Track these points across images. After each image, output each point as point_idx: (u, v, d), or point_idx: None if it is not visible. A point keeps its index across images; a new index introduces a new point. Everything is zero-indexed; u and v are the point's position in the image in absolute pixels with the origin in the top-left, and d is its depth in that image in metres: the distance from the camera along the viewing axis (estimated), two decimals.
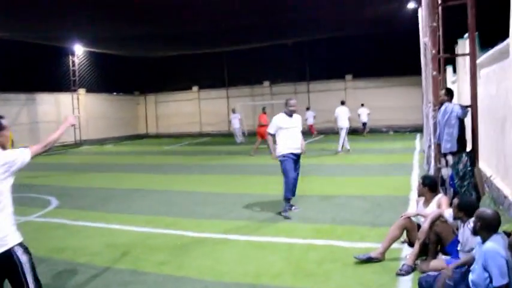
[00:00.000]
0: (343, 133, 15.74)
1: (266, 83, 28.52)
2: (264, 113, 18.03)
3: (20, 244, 3.27)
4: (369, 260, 5.01)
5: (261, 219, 7.29)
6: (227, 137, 27.43)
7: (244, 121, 26.93)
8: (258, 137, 16.83)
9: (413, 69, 17.33)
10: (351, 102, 25.18)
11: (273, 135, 7.67)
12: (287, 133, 7.54)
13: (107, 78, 28.54)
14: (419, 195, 5.48)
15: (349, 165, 13.05)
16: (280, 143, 7.57)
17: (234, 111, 23.39)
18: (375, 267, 4.89)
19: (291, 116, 7.64)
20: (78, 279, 5.06)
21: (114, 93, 30.51)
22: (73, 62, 26.18)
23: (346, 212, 7.50)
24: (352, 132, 18.16)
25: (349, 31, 23.08)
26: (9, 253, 3.16)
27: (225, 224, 7.10)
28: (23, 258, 3.22)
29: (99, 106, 28.50)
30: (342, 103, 17.11)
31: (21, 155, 3.34)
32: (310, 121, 24.91)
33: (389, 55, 23.69)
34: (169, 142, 25.73)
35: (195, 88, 30.66)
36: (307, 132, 25.25)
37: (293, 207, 7.71)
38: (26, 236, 6.99)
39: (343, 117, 15.97)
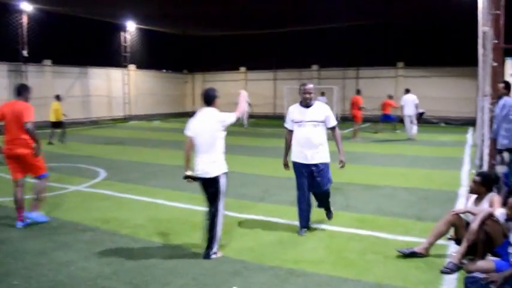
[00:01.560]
0: (408, 120, 16.32)
1: (314, 67, 28.12)
2: (359, 94, 17.60)
3: (225, 173, 5.08)
4: (413, 255, 4.88)
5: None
6: (273, 119, 27.38)
7: (290, 105, 26.75)
8: (356, 120, 16.93)
9: (469, 60, 16.47)
10: (402, 91, 24.49)
11: (291, 132, 5.84)
12: (299, 131, 5.68)
13: (156, 55, 28.99)
14: (471, 192, 5.25)
15: (396, 155, 12.72)
16: (293, 144, 5.84)
17: None
18: (418, 263, 4.75)
19: (306, 106, 5.71)
20: (120, 250, 5.21)
21: (163, 71, 30.98)
22: (125, 38, 26.71)
23: (391, 203, 7.33)
24: (401, 121, 17.71)
25: (403, 17, 22.29)
26: (217, 177, 4.98)
27: (267, 206, 7.10)
28: (222, 182, 5.03)
29: (148, 82, 29.06)
30: (408, 91, 17.06)
31: (229, 116, 5.14)
32: None
33: (444, 44, 22.73)
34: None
35: (242, 69, 30.66)
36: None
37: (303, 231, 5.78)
38: (74, 205, 7.31)
39: (410, 105, 16.36)
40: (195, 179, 5.05)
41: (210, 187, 5.00)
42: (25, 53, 20.68)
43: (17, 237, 5.69)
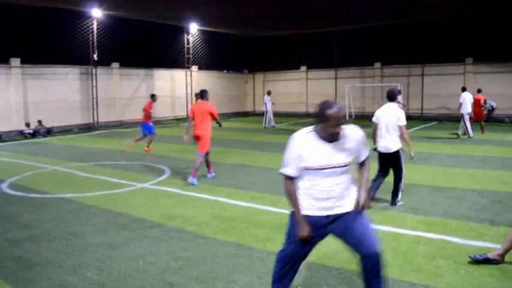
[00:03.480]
0: (468, 119, 16.05)
1: (377, 65, 27.43)
2: (480, 93, 17.33)
3: (401, 148, 6.94)
4: (486, 261, 4.62)
5: None
6: None
7: (352, 103, 26.36)
8: (479, 118, 17.01)
9: None
10: (471, 88, 23.40)
11: (294, 181, 3.50)
12: (316, 181, 3.38)
13: (218, 56, 29.48)
14: None
15: (465, 155, 12.13)
16: (301, 191, 3.50)
17: (269, 94, 22.98)
18: (492, 270, 4.50)
19: (331, 141, 3.32)
20: (187, 246, 5.34)
21: (225, 71, 31.46)
22: (187, 40, 27.37)
23: (460, 206, 6.99)
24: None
25: (471, 10, 21.20)
26: (397, 151, 6.89)
27: None
28: (401, 154, 6.92)
29: (210, 83, 29.57)
30: (464, 89, 16.85)
31: (402, 120, 6.94)
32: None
33: None
34: (275, 121, 25.98)
35: (303, 68, 30.49)
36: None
37: None
38: (142, 201, 7.58)
39: (469, 103, 16.14)
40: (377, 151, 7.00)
41: (392, 159, 6.91)
42: (95, 57, 21.72)
43: (89, 231, 5.98)
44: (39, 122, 19.28)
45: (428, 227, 5.92)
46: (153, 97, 14.12)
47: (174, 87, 27.20)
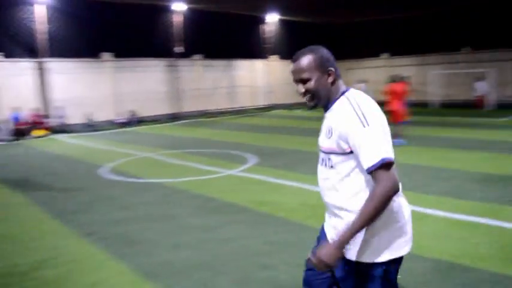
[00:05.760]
0: None
1: (466, 50, 25.88)
2: None
3: None
4: None
5: (461, 196, 6.77)
6: (419, 107, 25.98)
7: (439, 91, 25.22)
8: None
9: None
10: None
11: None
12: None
13: (297, 45, 28.74)
14: None
15: None
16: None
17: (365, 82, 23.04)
18: None
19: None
20: (277, 231, 5.47)
21: None
22: (267, 30, 27.55)
23: None
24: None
25: None
26: None
27: (423, 197, 6.78)
28: None
29: (288, 72, 29.48)
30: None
31: None
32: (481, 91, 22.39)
33: None
34: None
35: (383, 55, 29.54)
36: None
37: None
38: (231, 187, 7.83)
39: None
40: None
41: None
42: (181, 49, 22.60)
43: (184, 214, 6.32)
44: (132, 112, 20.47)
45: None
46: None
47: (254, 77, 27.55)
